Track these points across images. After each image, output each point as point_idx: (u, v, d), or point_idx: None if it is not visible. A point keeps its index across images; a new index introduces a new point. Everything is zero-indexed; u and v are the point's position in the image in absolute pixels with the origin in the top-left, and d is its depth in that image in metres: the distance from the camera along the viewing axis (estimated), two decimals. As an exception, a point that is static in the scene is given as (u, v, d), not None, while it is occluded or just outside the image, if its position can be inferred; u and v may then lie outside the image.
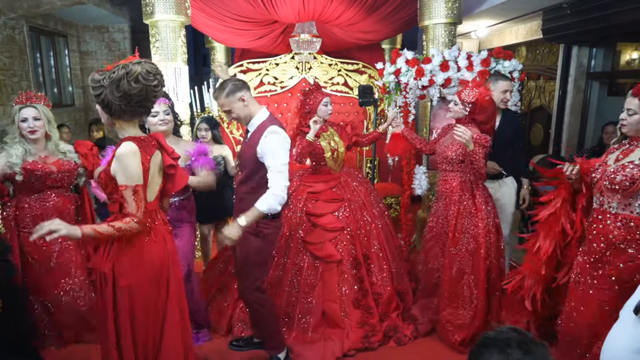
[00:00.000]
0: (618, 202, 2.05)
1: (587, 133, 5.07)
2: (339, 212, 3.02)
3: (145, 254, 1.86)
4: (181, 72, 3.91)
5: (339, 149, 3.12)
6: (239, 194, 2.48)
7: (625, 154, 2.10)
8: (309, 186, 3.10)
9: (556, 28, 4.76)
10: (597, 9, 4.04)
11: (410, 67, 3.64)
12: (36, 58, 5.47)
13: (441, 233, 2.90)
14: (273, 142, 2.29)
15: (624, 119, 2.07)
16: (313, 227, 2.99)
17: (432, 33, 4.00)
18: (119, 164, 1.76)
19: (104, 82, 1.70)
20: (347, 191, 3.11)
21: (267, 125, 2.33)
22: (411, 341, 2.89)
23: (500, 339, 1.06)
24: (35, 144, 2.63)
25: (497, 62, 3.55)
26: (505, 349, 1.03)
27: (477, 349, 1.09)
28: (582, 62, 4.98)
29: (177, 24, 3.86)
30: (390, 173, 5.02)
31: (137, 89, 1.71)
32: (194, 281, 2.85)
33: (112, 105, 1.73)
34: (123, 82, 1.69)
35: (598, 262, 2.11)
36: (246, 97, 2.34)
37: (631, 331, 1.43)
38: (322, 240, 2.94)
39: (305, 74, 5.10)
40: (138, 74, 1.70)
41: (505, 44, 6.28)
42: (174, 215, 2.68)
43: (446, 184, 2.88)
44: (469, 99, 2.72)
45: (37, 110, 2.59)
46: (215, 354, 2.77)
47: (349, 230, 3.00)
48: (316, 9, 4.20)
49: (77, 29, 6.33)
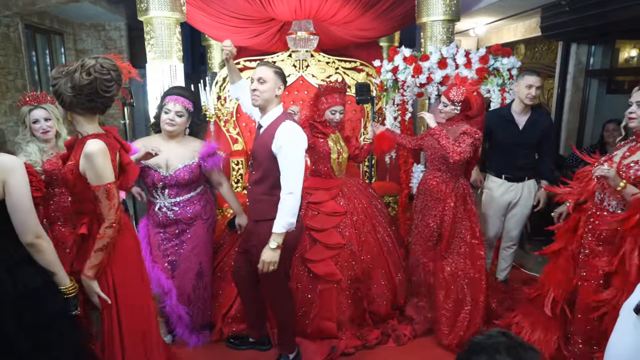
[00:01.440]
0: (618, 201, 2.03)
1: (585, 131, 5.05)
2: (341, 226, 2.91)
3: (126, 249, 1.88)
4: (176, 70, 3.88)
5: (343, 154, 3.07)
6: (255, 195, 2.36)
7: (632, 152, 2.07)
8: (310, 194, 2.97)
9: (555, 25, 4.73)
10: (595, 6, 4.01)
11: (408, 64, 3.61)
12: (32, 56, 5.42)
13: (431, 234, 2.85)
14: (291, 137, 2.19)
15: (633, 112, 2.03)
16: (313, 242, 2.88)
17: (430, 30, 3.97)
18: (88, 162, 1.73)
19: (61, 74, 1.72)
20: (350, 201, 3.01)
21: (282, 119, 2.25)
22: (410, 341, 2.86)
23: (489, 343, 1.03)
24: (47, 143, 2.64)
25: (496, 60, 3.52)
26: (493, 354, 1.00)
27: (465, 354, 1.06)
28: (581, 60, 4.95)
29: (172, 21, 3.83)
30: (388, 172, 4.98)
31: (87, 81, 1.70)
32: (207, 280, 2.80)
33: (63, 96, 1.73)
34: (76, 74, 1.70)
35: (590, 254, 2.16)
36: (282, 88, 2.30)
37: (631, 330, 1.42)
38: (323, 258, 2.82)
39: (303, 72, 5.07)
40: (90, 67, 1.71)
41: (504, 42, 6.25)
42: (186, 211, 2.64)
43: (437, 184, 2.83)
44: (458, 97, 2.69)
45: (47, 110, 2.62)
46: (213, 354, 2.74)
47: (350, 246, 2.89)
48: (312, 7, 4.17)
49: (73, 26, 6.28)
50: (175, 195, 2.61)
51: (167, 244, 2.66)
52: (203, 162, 2.64)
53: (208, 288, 2.83)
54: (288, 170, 2.19)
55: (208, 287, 2.83)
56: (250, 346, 2.73)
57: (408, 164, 3.96)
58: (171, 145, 2.62)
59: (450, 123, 2.80)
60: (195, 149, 2.66)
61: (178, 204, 2.62)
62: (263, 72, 2.25)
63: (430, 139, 2.87)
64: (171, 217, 2.62)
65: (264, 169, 2.28)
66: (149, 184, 2.60)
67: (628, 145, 2.12)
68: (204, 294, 2.78)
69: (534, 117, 3.17)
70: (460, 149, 2.60)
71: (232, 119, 5.00)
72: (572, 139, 5.12)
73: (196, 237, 2.69)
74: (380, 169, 5.03)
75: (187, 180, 2.60)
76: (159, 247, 2.65)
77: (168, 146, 2.61)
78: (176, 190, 2.61)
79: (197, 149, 2.66)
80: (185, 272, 2.68)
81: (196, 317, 2.77)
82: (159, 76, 3.82)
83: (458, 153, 2.59)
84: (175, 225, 2.65)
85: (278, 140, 2.19)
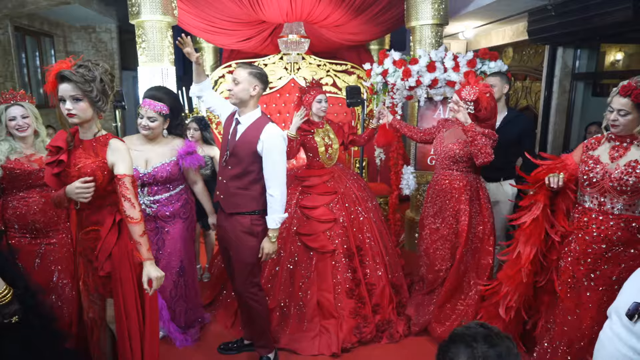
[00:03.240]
0: (624, 202, 2.02)
1: (572, 133, 5.14)
2: (332, 205, 3.06)
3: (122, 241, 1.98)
4: (168, 73, 3.89)
5: (332, 146, 3.18)
6: (230, 189, 2.42)
7: (620, 152, 2.04)
8: (303, 180, 3.15)
9: (541, 29, 4.81)
10: (581, 11, 4.09)
11: (398, 67, 3.66)
12: (21, 58, 5.41)
13: (450, 234, 2.83)
14: (278, 145, 2.33)
15: (615, 120, 1.99)
16: (306, 219, 3.03)
17: (419, 34, 4.03)
18: (119, 154, 1.89)
19: (97, 75, 1.82)
20: (341, 185, 3.16)
21: (264, 122, 2.36)
22: (403, 338, 2.91)
23: (467, 334, 1.10)
24: (24, 142, 2.62)
25: (483, 63, 3.58)
26: (471, 342, 1.08)
27: (445, 344, 1.14)
28: (567, 63, 5.04)
29: (163, 24, 3.84)
30: (379, 173, 5.04)
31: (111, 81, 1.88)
32: (188, 279, 2.83)
33: (107, 98, 1.89)
34: (106, 76, 1.84)
35: (596, 262, 2.08)
36: (258, 89, 2.37)
37: (624, 335, 1.42)
38: (316, 232, 2.97)
39: (294, 74, 5.11)
40: (107, 70, 1.87)
41: (493, 45, 6.34)
42: (165, 209, 2.68)
43: (450, 183, 2.81)
44: (470, 97, 2.61)
45: (24, 108, 2.59)
46: (208, 355, 2.76)
47: (342, 222, 3.03)
48: (304, 10, 4.21)
49: (63, 29, 6.26)
50: (154, 194, 2.65)
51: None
52: (181, 160, 2.68)
53: (190, 286, 2.86)
54: (275, 169, 2.34)
55: (190, 286, 2.86)
56: (241, 349, 2.76)
57: (398, 165, 4.00)
58: (150, 145, 2.67)
59: (460, 124, 2.72)
60: (175, 147, 2.70)
61: (157, 202, 2.66)
62: (237, 73, 2.35)
63: (442, 136, 2.87)
64: (149, 214, 2.66)
65: (246, 166, 2.37)
66: None
67: (610, 144, 2.09)
68: (186, 292, 2.82)
69: (509, 117, 3.22)
70: (490, 151, 2.60)
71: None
72: (558, 141, 5.20)
73: (176, 235, 2.73)
74: (371, 170, 5.08)
75: (165, 178, 2.65)
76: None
77: (147, 145, 2.65)
78: (155, 188, 2.65)
79: (177, 147, 2.70)
80: (165, 269, 2.69)
81: (179, 315, 2.82)
82: (150, 79, 3.83)
83: (488, 155, 2.58)
84: (154, 222, 2.69)
85: (265, 142, 2.31)
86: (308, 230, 2.99)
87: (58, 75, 1.80)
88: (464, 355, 1.06)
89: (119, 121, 3.48)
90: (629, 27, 3.79)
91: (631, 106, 1.94)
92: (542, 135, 5.32)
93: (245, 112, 2.39)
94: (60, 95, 1.83)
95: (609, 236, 2.04)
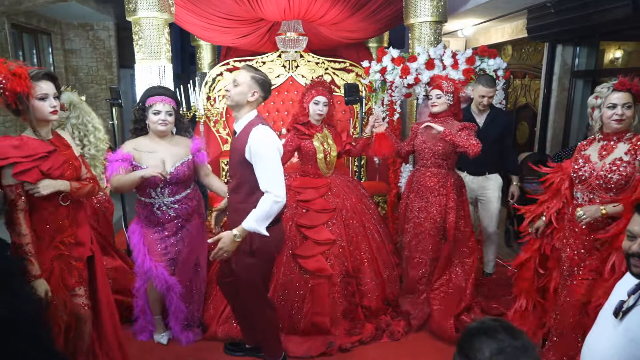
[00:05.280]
0: (611, 200, 2.07)
1: (571, 131, 5.12)
2: (331, 223, 2.93)
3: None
4: (165, 71, 3.87)
5: (331, 152, 3.04)
6: (233, 204, 2.31)
7: (607, 150, 2.12)
8: (298, 193, 2.98)
9: (540, 27, 4.79)
10: (580, 8, 4.08)
11: (396, 65, 3.65)
12: (18, 56, 5.37)
13: (432, 228, 2.94)
14: (263, 140, 2.13)
15: (622, 115, 2.04)
16: (303, 239, 2.89)
17: (417, 31, 4.01)
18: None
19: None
20: (338, 198, 3.02)
21: (253, 124, 2.19)
22: (404, 336, 2.90)
23: (485, 327, 1.08)
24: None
25: (482, 61, 3.57)
26: (494, 334, 1.05)
27: (465, 338, 1.09)
28: (567, 61, 5.03)
29: (160, 21, 3.82)
30: (378, 172, 5.02)
31: None
32: (203, 273, 2.88)
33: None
34: None
35: (585, 254, 2.17)
36: (257, 96, 2.21)
37: (610, 333, 1.43)
38: (313, 254, 2.83)
39: (292, 72, 5.09)
40: None
41: (492, 43, 6.32)
42: (187, 208, 2.70)
43: (433, 179, 2.95)
44: (450, 89, 2.86)
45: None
46: (209, 356, 2.75)
47: (339, 242, 2.92)
48: (302, 7, 4.19)
49: (60, 26, 6.23)
50: (174, 194, 2.64)
51: (167, 242, 2.69)
52: (196, 157, 2.70)
53: (204, 281, 2.91)
54: (266, 174, 2.13)
55: (204, 280, 2.91)
56: (247, 352, 2.73)
57: (397, 163, 4.00)
58: (163, 145, 2.64)
59: (440, 121, 2.89)
60: (186, 145, 2.70)
61: (178, 201, 2.66)
62: (239, 75, 2.21)
63: (421, 138, 2.98)
64: (172, 215, 2.66)
65: (240, 176, 2.23)
66: (150, 185, 2.56)
67: (600, 143, 2.17)
68: (201, 287, 2.88)
69: (492, 114, 3.35)
70: (476, 142, 2.72)
71: (222, 119, 5.00)
72: (558, 138, 5.19)
73: (193, 232, 2.76)
74: (369, 169, 5.07)
75: (187, 176, 2.65)
76: (157, 246, 2.67)
77: (159, 146, 2.62)
78: (175, 188, 2.64)
79: (188, 145, 2.71)
80: (184, 266, 2.75)
81: (194, 312, 2.86)
82: (147, 76, 3.81)
83: (476, 146, 2.70)
84: (175, 221, 2.69)
85: (250, 146, 2.13)
86: (305, 252, 2.83)
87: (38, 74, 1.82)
88: (489, 347, 1.03)
89: (116, 119, 3.46)
90: (628, 25, 3.78)
91: (632, 98, 2.07)
92: (542, 133, 5.31)
93: (239, 118, 2.26)
94: (44, 93, 1.84)
95: (597, 230, 2.11)
